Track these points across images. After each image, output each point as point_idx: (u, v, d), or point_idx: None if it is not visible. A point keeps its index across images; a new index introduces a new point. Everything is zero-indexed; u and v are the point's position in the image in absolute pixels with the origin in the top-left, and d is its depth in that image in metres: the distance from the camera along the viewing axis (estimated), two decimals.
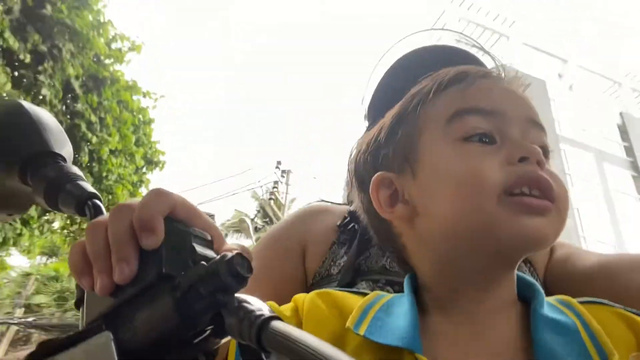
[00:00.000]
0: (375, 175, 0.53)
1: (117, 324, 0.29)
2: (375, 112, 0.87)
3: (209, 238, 0.34)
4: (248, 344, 0.26)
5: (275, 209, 16.07)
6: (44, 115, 0.46)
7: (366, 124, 0.90)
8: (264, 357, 0.26)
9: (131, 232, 0.31)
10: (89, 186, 0.41)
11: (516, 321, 0.46)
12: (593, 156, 15.53)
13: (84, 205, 0.39)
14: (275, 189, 16.92)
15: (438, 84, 0.53)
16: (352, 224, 0.82)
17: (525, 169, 0.45)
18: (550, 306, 0.46)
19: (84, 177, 0.42)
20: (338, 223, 0.83)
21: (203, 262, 0.29)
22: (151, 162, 8.19)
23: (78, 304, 0.34)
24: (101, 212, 0.39)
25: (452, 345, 0.44)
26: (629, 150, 16.62)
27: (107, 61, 6.92)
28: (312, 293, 0.51)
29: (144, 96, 7.56)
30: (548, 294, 0.50)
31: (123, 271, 0.30)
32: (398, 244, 0.53)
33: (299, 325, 0.49)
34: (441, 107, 0.51)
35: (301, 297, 0.52)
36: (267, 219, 17.77)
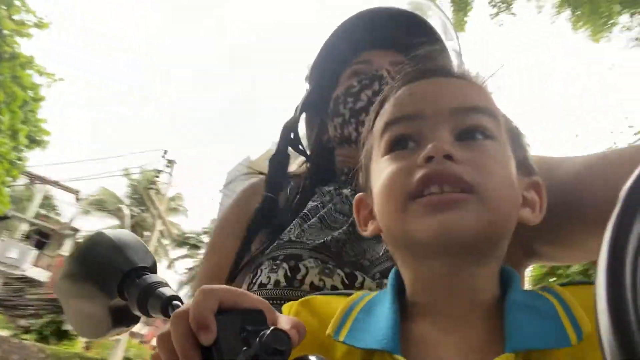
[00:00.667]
0: (356, 196, 0.55)
1: None
2: (314, 73, 0.89)
3: (261, 313, 0.38)
4: None
5: (154, 198, 15.79)
6: (127, 236, 0.54)
7: (307, 86, 0.91)
8: None
9: (190, 333, 0.36)
10: (170, 290, 0.47)
11: (498, 320, 0.43)
12: None
13: (167, 307, 0.44)
14: (157, 178, 16.59)
15: (379, 102, 0.55)
16: (265, 206, 0.81)
17: (427, 169, 0.43)
18: (531, 294, 0.46)
19: (166, 283, 0.48)
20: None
21: (245, 348, 0.33)
22: (34, 141, 7.90)
23: None
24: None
25: (431, 346, 0.43)
26: None
27: (6, 32, 6.63)
28: (296, 303, 0.51)
29: (40, 74, 7.33)
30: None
31: None
32: None
33: None
34: (378, 124, 0.52)
35: (287, 309, 0.52)
36: (144, 207, 17.36)
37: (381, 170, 0.48)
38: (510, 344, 0.38)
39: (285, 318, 0.39)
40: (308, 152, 0.90)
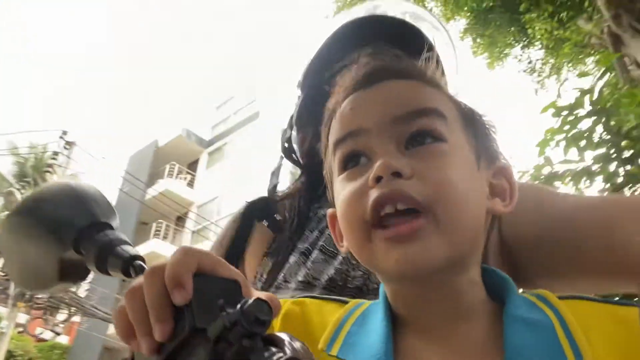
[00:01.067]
0: (328, 212, 0.54)
1: None
2: (306, 81, 0.88)
3: (237, 284, 0.36)
4: None
5: (50, 181, 14.67)
6: (91, 189, 0.51)
7: (298, 92, 0.89)
8: None
9: (164, 292, 0.34)
10: (132, 249, 0.44)
11: (488, 325, 0.43)
12: None
13: (129, 267, 0.42)
14: (54, 160, 15.42)
15: (328, 117, 0.53)
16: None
17: (378, 191, 0.42)
18: (526, 302, 0.44)
19: (129, 242, 0.46)
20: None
21: (225, 312, 0.30)
22: None
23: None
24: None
25: (423, 357, 0.43)
26: None
27: None
28: (289, 301, 0.50)
29: None
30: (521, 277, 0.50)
31: (162, 331, 0.33)
32: None
33: None
34: (330, 142, 0.51)
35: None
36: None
37: (338, 192, 0.48)
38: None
39: (261, 293, 0.37)
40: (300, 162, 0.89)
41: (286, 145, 0.90)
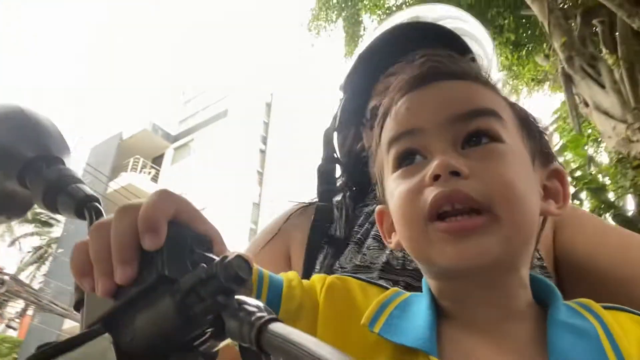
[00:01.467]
0: (376, 209, 0.55)
1: (117, 326, 0.29)
2: (348, 82, 0.90)
3: (210, 241, 0.34)
4: (248, 346, 0.26)
5: None
6: (44, 119, 0.46)
7: (340, 94, 0.92)
8: (263, 359, 0.26)
9: (134, 233, 0.31)
10: (88, 189, 0.40)
11: (533, 327, 0.43)
12: None
13: (82, 207, 0.39)
14: None
15: (382, 114, 0.53)
16: (320, 223, 0.80)
17: (436, 190, 0.43)
18: (570, 309, 0.44)
19: (83, 181, 0.41)
20: (310, 225, 0.81)
21: (203, 265, 0.29)
22: None
23: (77, 306, 0.34)
24: (101, 215, 0.38)
25: (466, 351, 0.42)
26: None
27: None
28: (332, 277, 0.50)
29: None
30: (564, 290, 0.47)
31: (124, 273, 0.30)
32: None
33: (316, 305, 0.48)
34: (383, 139, 0.52)
35: (321, 280, 0.51)
36: None
37: (393, 189, 0.48)
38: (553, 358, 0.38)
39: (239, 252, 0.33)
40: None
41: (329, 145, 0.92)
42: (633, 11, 6.24)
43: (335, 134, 0.92)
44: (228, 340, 0.29)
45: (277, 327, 0.24)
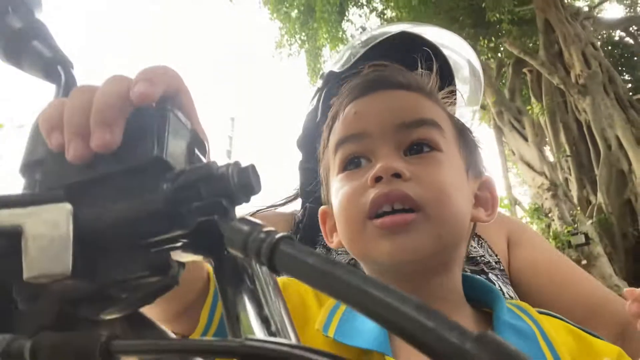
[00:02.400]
0: (320, 209, 0.57)
1: (81, 200, 0.24)
2: (323, 85, 0.92)
3: (207, 149, 0.29)
4: (240, 259, 0.23)
5: None
6: None
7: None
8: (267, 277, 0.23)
9: (124, 96, 0.25)
10: (62, 51, 0.34)
11: (476, 325, 0.46)
12: None
13: (55, 67, 0.32)
14: None
15: (331, 118, 0.56)
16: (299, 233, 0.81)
17: (377, 189, 0.45)
18: (510, 311, 0.47)
19: (57, 44, 0.34)
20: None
21: (214, 160, 0.24)
22: None
23: (26, 169, 0.27)
24: (75, 84, 0.32)
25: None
26: None
27: None
28: (285, 277, 0.49)
29: None
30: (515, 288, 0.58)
31: (103, 137, 0.24)
32: None
33: None
34: (331, 142, 0.54)
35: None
36: None
37: (337, 189, 0.50)
38: None
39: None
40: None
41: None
42: (552, 69, 7.16)
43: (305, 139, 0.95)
44: (200, 257, 0.26)
45: (291, 246, 0.20)
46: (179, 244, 0.25)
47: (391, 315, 0.15)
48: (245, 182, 0.23)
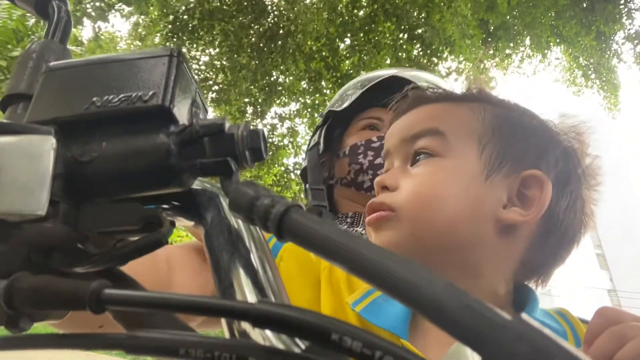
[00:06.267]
0: None
1: (73, 138, 0.22)
2: (328, 115, 1.00)
3: (207, 110, 0.28)
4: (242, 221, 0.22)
5: None
6: None
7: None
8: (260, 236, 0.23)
9: None
10: None
11: None
12: None
13: (48, 3, 0.30)
14: None
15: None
16: None
17: (371, 199, 0.52)
18: (545, 313, 0.48)
19: None
20: None
21: (224, 118, 0.23)
22: None
23: (7, 102, 0.26)
24: (68, 22, 0.30)
25: (438, 339, 0.45)
26: None
27: None
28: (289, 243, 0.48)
29: None
30: None
31: None
32: None
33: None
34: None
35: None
36: None
37: None
38: None
39: None
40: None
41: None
42: None
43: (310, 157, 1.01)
44: (189, 223, 0.25)
45: (302, 215, 0.19)
46: (171, 206, 0.24)
47: (413, 294, 0.15)
48: (255, 145, 0.23)
